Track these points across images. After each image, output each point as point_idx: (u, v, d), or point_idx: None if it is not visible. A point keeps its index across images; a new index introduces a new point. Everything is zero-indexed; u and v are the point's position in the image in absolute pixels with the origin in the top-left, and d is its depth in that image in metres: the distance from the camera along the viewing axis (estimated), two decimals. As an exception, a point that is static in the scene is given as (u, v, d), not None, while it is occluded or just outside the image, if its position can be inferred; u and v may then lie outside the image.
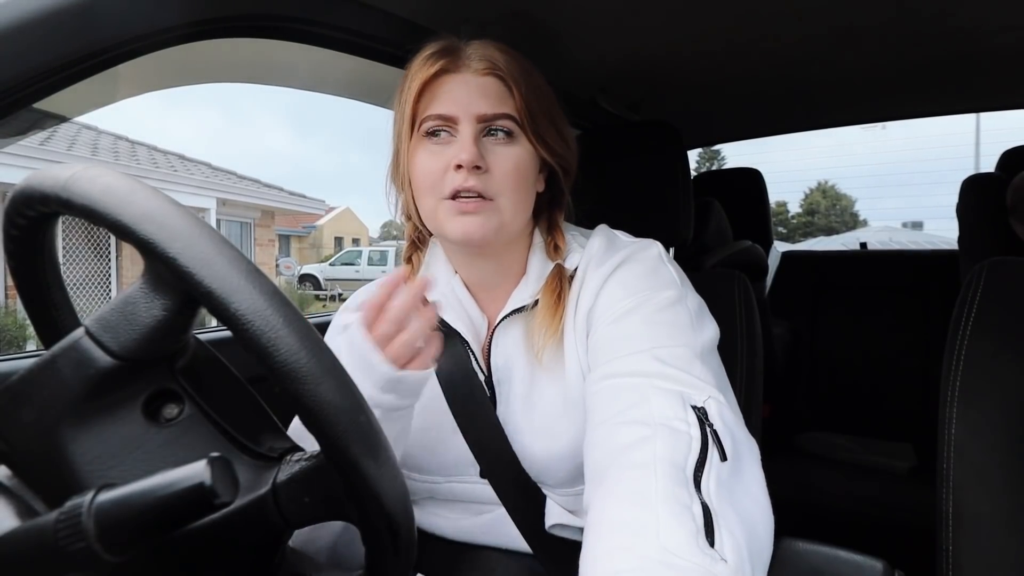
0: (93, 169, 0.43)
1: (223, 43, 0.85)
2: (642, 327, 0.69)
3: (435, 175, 0.74)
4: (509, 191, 0.75)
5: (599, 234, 0.85)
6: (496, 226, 0.75)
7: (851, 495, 1.82)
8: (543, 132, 0.78)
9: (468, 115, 0.74)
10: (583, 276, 0.80)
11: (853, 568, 0.80)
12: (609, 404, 0.64)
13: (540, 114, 0.77)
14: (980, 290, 0.92)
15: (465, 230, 0.74)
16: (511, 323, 0.82)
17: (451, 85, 0.75)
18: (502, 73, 0.75)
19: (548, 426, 0.78)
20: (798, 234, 33.48)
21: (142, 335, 0.43)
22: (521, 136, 0.76)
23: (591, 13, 1.09)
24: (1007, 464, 0.84)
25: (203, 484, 0.34)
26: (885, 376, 2.14)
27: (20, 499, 0.42)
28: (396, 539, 0.43)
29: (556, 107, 0.81)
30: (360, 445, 0.40)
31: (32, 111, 0.66)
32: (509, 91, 0.75)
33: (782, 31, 1.21)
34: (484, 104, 0.74)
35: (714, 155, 29.62)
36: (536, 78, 0.79)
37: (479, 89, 0.74)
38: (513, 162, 0.75)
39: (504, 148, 0.75)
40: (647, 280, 0.75)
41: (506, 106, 0.75)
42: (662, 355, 0.65)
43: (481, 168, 0.73)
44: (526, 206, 0.79)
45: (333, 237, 27.04)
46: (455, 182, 0.73)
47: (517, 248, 0.84)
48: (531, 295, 0.80)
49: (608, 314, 0.73)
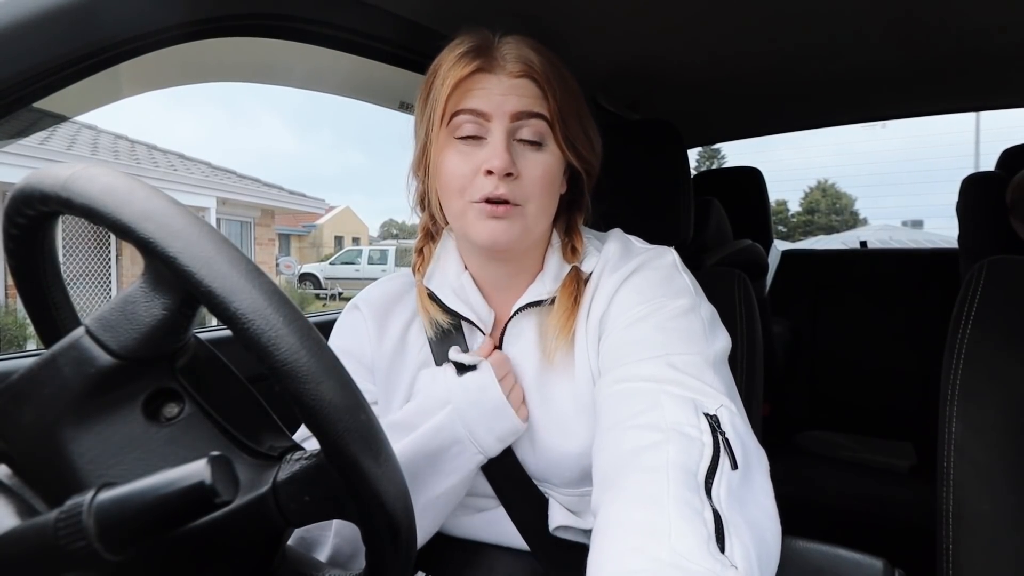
0: (93, 168, 0.43)
1: (224, 42, 0.85)
2: (655, 333, 0.69)
3: (465, 178, 0.74)
4: (536, 197, 0.75)
5: (614, 239, 0.85)
6: (520, 231, 0.75)
7: (851, 494, 1.82)
8: (573, 137, 0.77)
9: (502, 112, 0.73)
10: (598, 280, 0.80)
11: (853, 566, 0.80)
12: (621, 408, 0.63)
13: (571, 117, 0.77)
14: (980, 288, 0.92)
15: (492, 235, 0.74)
16: (524, 318, 0.82)
17: (485, 83, 0.74)
18: (537, 75, 0.74)
19: (562, 423, 0.78)
20: (798, 233, 33.48)
21: (142, 334, 0.43)
22: (551, 140, 0.76)
23: (591, 12, 1.09)
24: (1007, 462, 0.84)
25: (203, 483, 0.34)
26: (885, 375, 2.14)
27: (20, 498, 0.42)
28: (396, 537, 0.44)
29: (585, 109, 0.80)
30: (361, 444, 0.40)
31: (32, 110, 0.66)
32: (543, 93, 0.74)
33: (782, 30, 1.21)
34: (518, 103, 0.73)
35: (714, 154, 29.60)
36: (568, 80, 0.78)
37: (514, 89, 0.74)
38: (543, 168, 0.75)
39: (534, 154, 0.75)
40: (661, 287, 0.75)
41: (540, 107, 0.74)
42: (675, 362, 0.65)
43: (512, 175, 0.72)
44: (550, 211, 0.79)
45: (333, 236, 27.04)
46: (486, 188, 0.72)
47: (535, 249, 0.83)
48: (547, 292, 0.80)
49: (621, 319, 0.73)
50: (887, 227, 18.17)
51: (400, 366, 0.85)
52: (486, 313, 0.83)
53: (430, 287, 0.84)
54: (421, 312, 0.84)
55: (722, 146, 26.04)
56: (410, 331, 0.87)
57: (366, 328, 0.86)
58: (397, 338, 0.86)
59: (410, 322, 0.87)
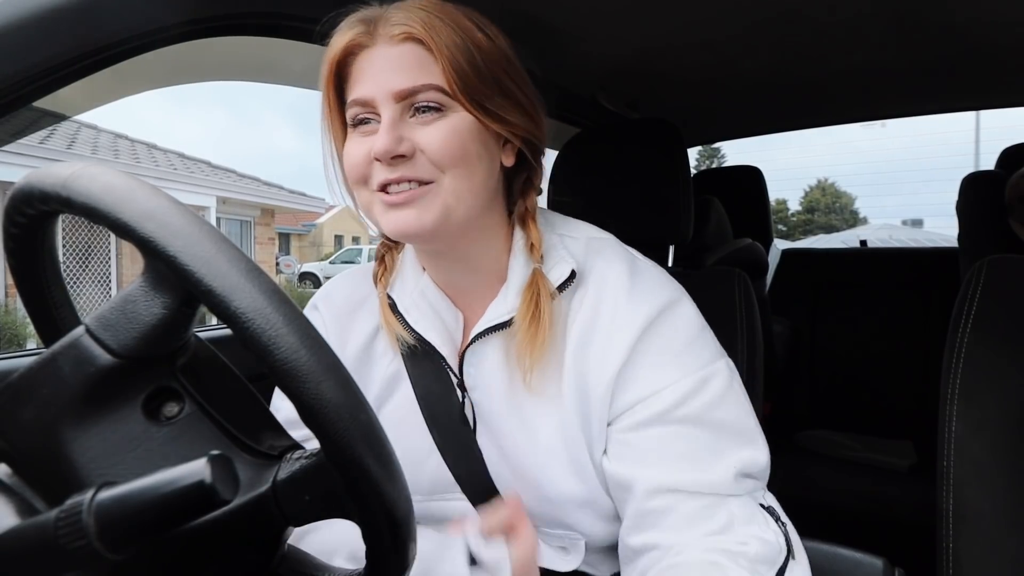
0: (93, 167, 0.43)
1: (224, 42, 0.85)
2: (704, 434, 0.66)
3: (361, 167, 0.66)
4: (449, 167, 0.64)
5: (615, 256, 0.74)
6: (439, 213, 0.65)
7: (851, 493, 1.82)
8: (483, 98, 0.65)
9: (384, 94, 0.64)
10: (596, 300, 0.71)
11: (853, 566, 0.80)
12: (690, 523, 0.64)
13: (478, 78, 0.65)
14: (980, 287, 0.92)
15: (399, 225, 0.65)
16: (487, 341, 0.73)
17: (366, 62, 0.65)
18: (420, 36, 0.63)
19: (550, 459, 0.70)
20: (798, 232, 33.48)
21: (142, 333, 0.43)
22: (455, 105, 0.65)
23: (590, 11, 1.09)
24: (1007, 461, 0.84)
25: (203, 482, 0.34)
26: (885, 374, 2.14)
27: (20, 497, 0.42)
28: (397, 537, 0.43)
29: (511, 68, 0.69)
30: (361, 443, 0.40)
31: (32, 109, 0.66)
32: (432, 56, 0.64)
33: (781, 29, 1.21)
34: (400, 78, 0.63)
35: (714, 153, 29.59)
36: (475, 35, 0.66)
37: (396, 61, 0.64)
38: (443, 137, 0.64)
39: (432, 126, 0.64)
40: (695, 355, 0.69)
41: (428, 75, 0.64)
42: (736, 466, 0.65)
43: (406, 156, 0.64)
44: (477, 183, 0.67)
45: (333, 235, 27.03)
46: (380, 175, 0.65)
47: (489, 247, 0.74)
48: (510, 309, 0.71)
49: (659, 401, 0.66)
50: (887, 226, 18.14)
51: (365, 376, 0.78)
52: (453, 322, 0.75)
53: (393, 297, 0.77)
54: (384, 327, 0.76)
55: (722, 145, 26.06)
56: (376, 340, 0.79)
57: (326, 332, 0.79)
58: (361, 347, 0.79)
59: (377, 330, 0.79)
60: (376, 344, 0.79)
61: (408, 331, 0.74)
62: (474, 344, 0.73)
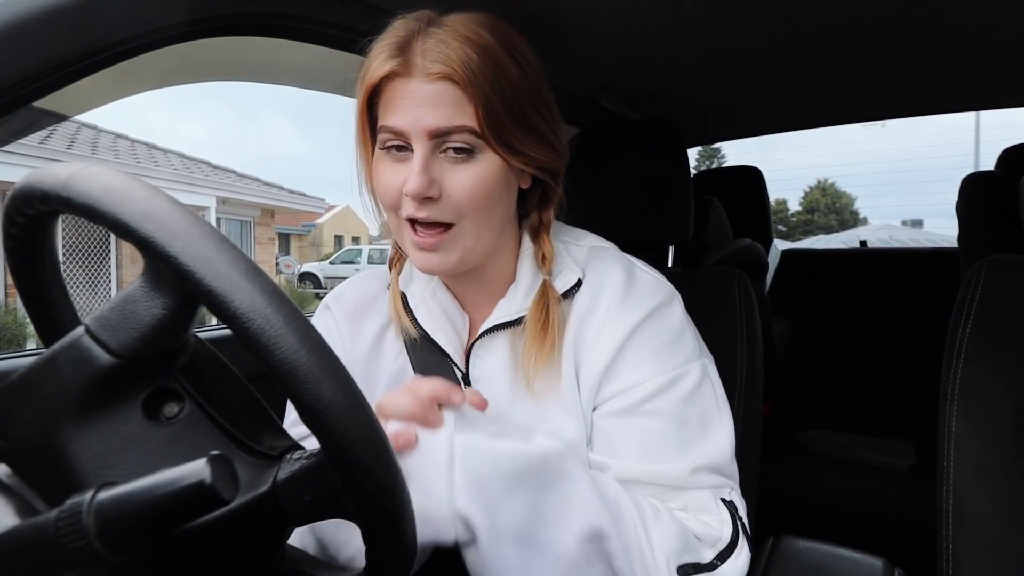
0: (93, 167, 0.43)
1: (224, 41, 0.85)
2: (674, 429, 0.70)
3: (394, 194, 0.68)
4: (470, 213, 0.68)
5: (614, 262, 0.78)
6: (459, 256, 0.69)
7: (851, 493, 1.82)
8: (512, 140, 0.67)
9: (418, 130, 0.65)
10: (591, 306, 0.74)
11: (853, 566, 0.80)
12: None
13: (509, 117, 0.67)
14: (980, 288, 0.92)
15: (426, 266, 0.70)
16: (494, 337, 0.76)
17: (401, 91, 0.66)
18: (456, 77, 0.64)
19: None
20: (798, 232, 33.48)
21: (142, 333, 0.43)
22: (484, 149, 0.67)
23: (590, 10, 1.09)
24: (1007, 461, 0.84)
25: (203, 482, 0.34)
26: (885, 374, 2.14)
27: (20, 497, 0.42)
28: (397, 537, 0.44)
29: (538, 101, 0.70)
30: (361, 443, 0.40)
31: (32, 109, 0.66)
32: (466, 97, 0.64)
33: (781, 29, 1.21)
34: (435, 117, 0.64)
35: (714, 153, 29.60)
36: (509, 70, 0.67)
37: (431, 98, 0.64)
38: (471, 183, 0.66)
39: (461, 168, 0.67)
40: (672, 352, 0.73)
41: (462, 116, 0.65)
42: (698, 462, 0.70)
43: (433, 197, 0.66)
44: (495, 221, 0.71)
45: (333, 235, 27.04)
46: (408, 209, 0.67)
47: (500, 257, 0.77)
48: (519, 309, 0.74)
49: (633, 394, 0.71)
50: (887, 226, 18.15)
51: (375, 372, 0.81)
52: (461, 322, 0.78)
53: (406, 292, 0.80)
54: (393, 317, 0.80)
55: (722, 145, 26.07)
56: (385, 336, 0.82)
57: (338, 330, 0.83)
58: (371, 342, 0.82)
59: (385, 326, 0.82)
60: (384, 340, 0.82)
61: (415, 327, 0.78)
62: (482, 339, 0.76)
